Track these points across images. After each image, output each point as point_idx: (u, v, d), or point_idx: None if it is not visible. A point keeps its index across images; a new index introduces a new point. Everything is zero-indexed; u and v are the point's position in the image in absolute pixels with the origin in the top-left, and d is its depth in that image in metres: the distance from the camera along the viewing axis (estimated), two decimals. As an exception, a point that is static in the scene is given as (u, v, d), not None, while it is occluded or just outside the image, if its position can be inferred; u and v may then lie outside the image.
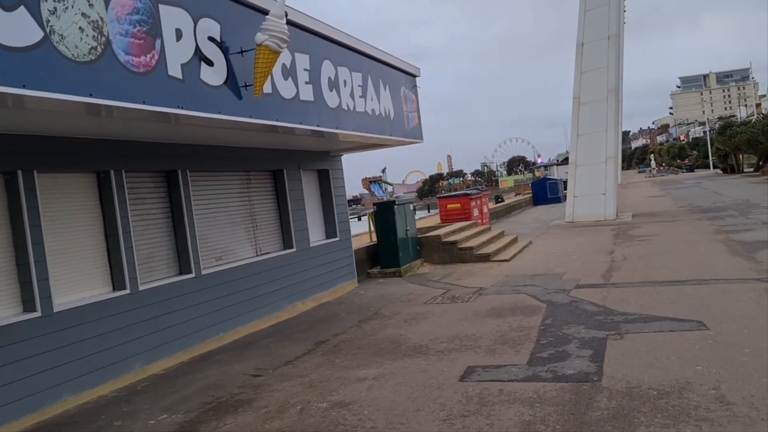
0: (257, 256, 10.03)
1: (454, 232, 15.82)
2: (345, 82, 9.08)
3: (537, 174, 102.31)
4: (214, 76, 6.17)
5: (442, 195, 21.33)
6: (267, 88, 7.06)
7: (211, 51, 6.17)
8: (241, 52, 6.54)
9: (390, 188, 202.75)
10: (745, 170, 59.79)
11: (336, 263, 12.12)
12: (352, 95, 9.30)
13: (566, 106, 22.96)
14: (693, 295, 8.55)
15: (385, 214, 13.73)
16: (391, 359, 6.96)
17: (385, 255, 13.74)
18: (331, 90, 8.63)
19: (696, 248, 12.98)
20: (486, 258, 14.40)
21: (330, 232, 12.34)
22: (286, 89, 7.50)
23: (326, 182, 12.33)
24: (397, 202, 13.76)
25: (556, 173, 59.66)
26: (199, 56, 6.00)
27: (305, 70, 7.95)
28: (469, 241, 15.46)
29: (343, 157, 12.83)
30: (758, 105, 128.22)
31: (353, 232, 19.37)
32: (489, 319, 8.37)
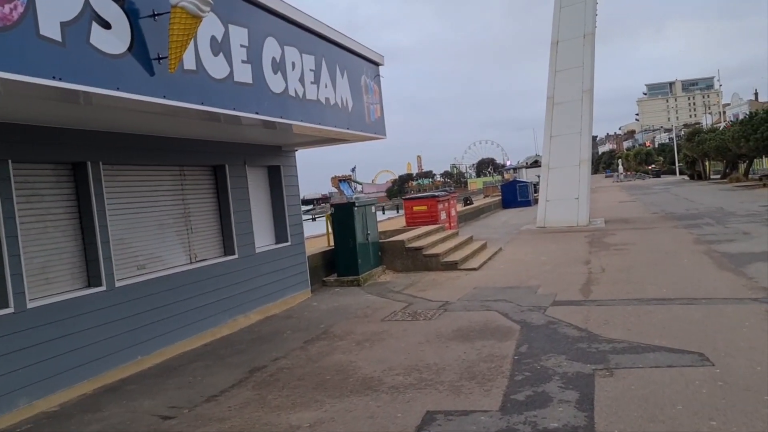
0: (191, 263, 8.70)
1: (419, 237, 14.65)
2: (293, 64, 7.82)
3: (506, 176, 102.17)
4: (112, 41, 4.85)
5: (408, 196, 20.19)
6: (190, 63, 5.78)
7: (110, 10, 4.86)
8: (154, 15, 5.24)
9: (359, 187, 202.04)
10: (711, 177, 60.04)
11: (286, 271, 10.84)
12: (302, 80, 8.04)
13: (535, 109, 22.09)
14: (685, 317, 7.49)
15: (343, 216, 12.48)
16: (334, 397, 5.72)
17: (343, 261, 12.50)
18: (275, 72, 7.36)
19: (678, 260, 12.02)
20: (453, 266, 13.26)
21: (280, 235, 11.06)
22: (216, 67, 6.21)
23: (277, 180, 11.04)
24: (357, 204, 12.53)
25: (525, 176, 59.14)
26: (91, 14, 4.68)
27: (242, 46, 6.67)
28: (436, 246, 14.31)
29: (312, 155, 11.58)
30: (722, 113, 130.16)
31: (316, 232, 18.10)
32: (454, 344, 7.19)
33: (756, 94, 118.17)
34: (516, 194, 36.75)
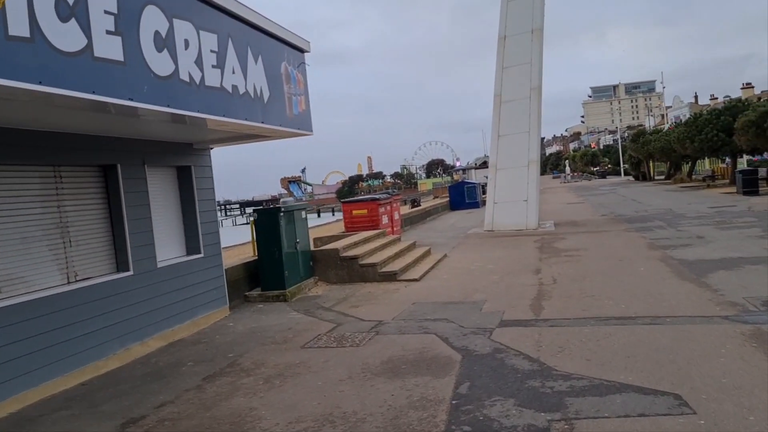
0: (69, 283, 7.19)
1: (356, 244, 13.37)
2: (187, 42, 6.42)
3: (455, 177, 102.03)
4: None
5: (347, 199, 18.88)
6: (20, 30, 4.34)
7: None
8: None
9: (309, 188, 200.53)
10: (656, 178, 60.77)
11: (198, 287, 9.40)
12: (199, 63, 6.65)
13: (484, 111, 21.01)
14: (651, 342, 6.42)
15: (267, 223, 11.08)
16: (219, 466, 4.38)
17: (268, 274, 11.11)
18: (160, 50, 5.95)
19: (634, 268, 11.07)
20: (392, 277, 12.02)
21: (191, 246, 9.61)
22: (65, 38, 4.78)
23: (187, 183, 9.59)
24: (283, 209, 11.15)
25: (474, 177, 58.68)
26: None
27: (108, 13, 5.25)
28: (374, 255, 13.04)
29: (260, 156, 10.43)
30: (664, 115, 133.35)
31: (244, 239, 16.60)
32: (382, 381, 5.93)
33: (696, 96, 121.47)
34: (464, 196, 35.90)
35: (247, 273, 11.39)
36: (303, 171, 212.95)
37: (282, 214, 11.03)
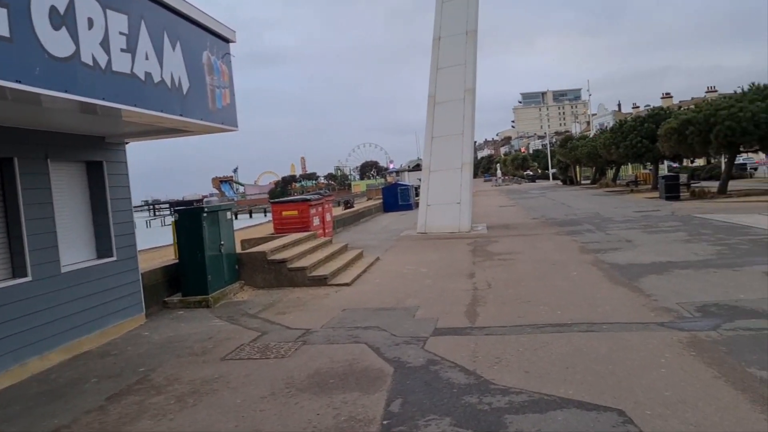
0: (-49, 292, 6.35)
1: (285, 247, 12.78)
2: (91, 21, 5.73)
3: (389, 179, 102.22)
4: None
5: (277, 200, 18.22)
6: None
7: None
8: None
9: (241, 189, 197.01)
10: (582, 182, 62.53)
11: (110, 293, 8.62)
12: (105, 45, 5.96)
13: (417, 114, 20.78)
14: (590, 351, 6.18)
15: (189, 224, 10.37)
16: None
17: (190, 278, 10.39)
18: (57, 28, 5.26)
19: (567, 272, 10.97)
20: (322, 281, 11.51)
21: (103, 249, 8.82)
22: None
23: (99, 180, 8.80)
24: (206, 209, 10.46)
25: (408, 179, 58.82)
26: None
27: (-10, -19, 4.55)
28: (304, 258, 12.50)
29: (194, 153, 9.59)
30: (588, 123, 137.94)
31: (166, 242, 15.79)
32: (307, 398, 5.43)
33: (619, 105, 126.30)
34: (397, 197, 35.72)
35: (167, 277, 10.64)
36: (235, 171, 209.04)
37: (205, 214, 10.33)
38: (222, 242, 10.95)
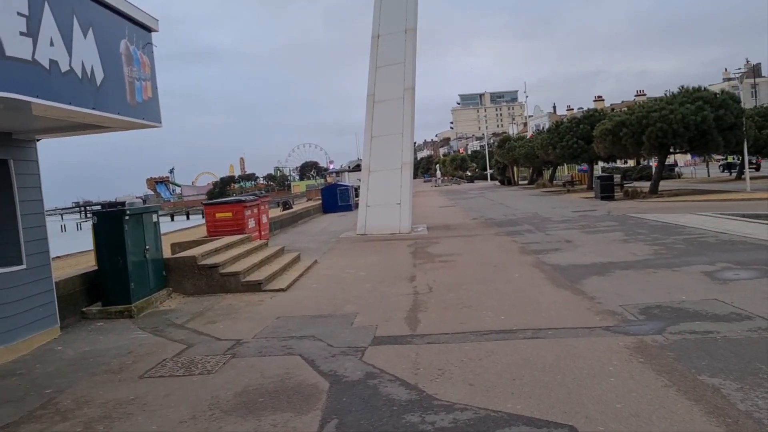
0: None
1: (217, 251, 12.11)
2: (-19, -1, 5.04)
3: (329, 180, 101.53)
4: None
5: (209, 201, 17.44)
6: None
7: None
8: None
9: (178, 189, 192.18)
10: (519, 182, 63.50)
11: (17, 305, 7.82)
12: None
13: (357, 115, 20.38)
14: (536, 360, 5.88)
15: (110, 227, 9.61)
16: None
17: (111, 286, 9.63)
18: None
19: (509, 274, 10.76)
20: (256, 287, 10.93)
21: (9, 256, 7.99)
22: None
23: (5, 180, 7.98)
24: (129, 211, 9.72)
25: (347, 179, 58.40)
26: None
27: None
28: (237, 262, 11.87)
29: (128, 153, 8.79)
30: (525, 124, 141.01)
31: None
32: (232, 422, 4.90)
33: (554, 107, 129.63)
34: (337, 198, 35.23)
35: (86, 285, 9.83)
36: (171, 171, 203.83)
37: (127, 217, 9.59)
38: (147, 247, 10.22)
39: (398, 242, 17.18)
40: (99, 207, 10.88)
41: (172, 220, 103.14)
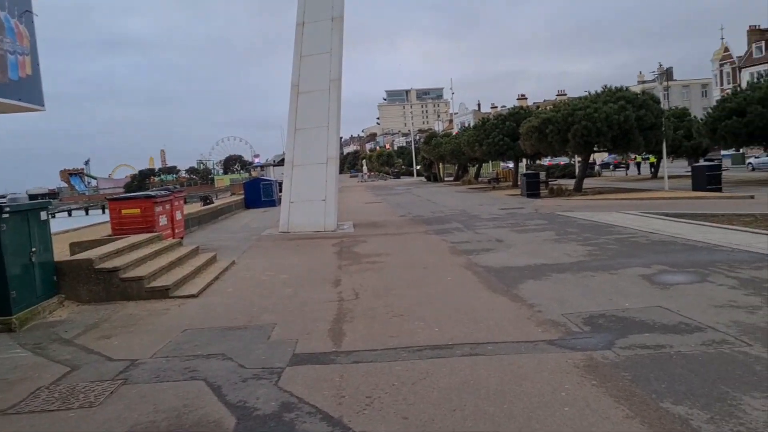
0: None
1: (119, 252, 10.85)
2: None
3: (253, 174, 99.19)
4: None
5: (115, 196, 15.97)
6: None
7: None
8: None
9: (94, 182, 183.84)
10: (445, 179, 63.67)
11: None
12: None
13: (283, 108, 19.28)
14: (478, 384, 5.16)
15: (-15, 227, 8.25)
16: None
17: (-13, 295, 8.29)
18: None
19: (441, 278, 10.07)
20: (163, 293, 9.79)
21: None
22: None
23: None
24: (9, 208, 8.38)
25: (272, 174, 56.81)
26: None
27: None
28: (143, 265, 10.66)
29: (42, 143, 7.43)
30: (451, 121, 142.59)
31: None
32: (110, 477, 3.92)
33: (479, 104, 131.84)
34: (260, 193, 33.93)
35: (-44, 294, 8.43)
36: (87, 163, 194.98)
37: (6, 215, 8.27)
38: (33, 249, 8.90)
39: (323, 241, 16.27)
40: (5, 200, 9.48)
41: (87, 213, 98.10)
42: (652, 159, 49.90)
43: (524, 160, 43.35)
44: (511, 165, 45.19)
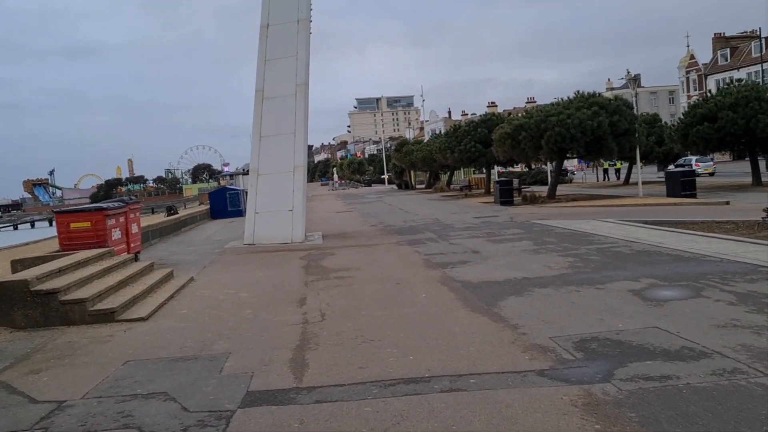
0: None
1: (62, 271, 9.87)
2: None
3: (222, 182, 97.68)
4: None
5: (62, 209, 14.89)
6: None
7: None
8: None
9: (59, 193, 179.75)
10: (417, 186, 63.13)
11: None
12: None
13: (252, 116, 18.45)
14: (461, 429, 4.38)
15: None
16: None
17: None
18: None
19: (415, 294, 9.31)
20: (109, 316, 8.84)
21: None
22: None
23: None
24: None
25: (242, 183, 55.64)
26: None
27: None
28: (88, 285, 9.69)
29: (4, 153, 6.08)
30: (421, 128, 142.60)
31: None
32: None
33: (449, 112, 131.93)
34: (226, 203, 32.96)
35: None
36: (51, 173, 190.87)
37: None
38: (-43, 270, 7.92)
39: (290, 253, 15.40)
40: None
41: (51, 225, 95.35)
42: (619, 165, 50.29)
43: (495, 167, 42.94)
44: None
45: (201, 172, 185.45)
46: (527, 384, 5.22)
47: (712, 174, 41.69)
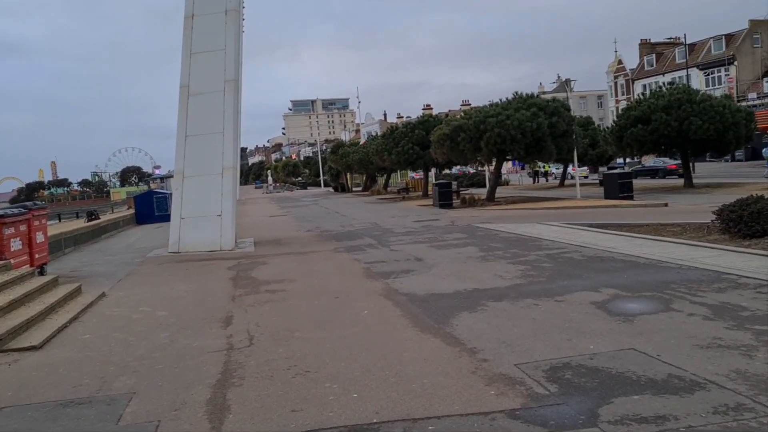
0: None
1: (-61, 291, 8.35)
2: None
3: (152, 186, 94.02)
4: None
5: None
6: None
7: None
8: None
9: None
10: (353, 189, 62.15)
11: None
12: None
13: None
14: (423, 501, 3.39)
15: None
16: None
17: None
18: None
19: (357, 311, 8.29)
20: (-8, 345, 7.43)
21: None
22: None
23: None
24: None
25: (172, 186, 53.35)
26: None
27: None
28: (-30, 307, 8.21)
29: None
30: (357, 131, 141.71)
31: None
32: None
33: (385, 114, 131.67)
34: (153, 207, 31.08)
35: None
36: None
37: None
38: None
39: (218, 262, 14.11)
40: None
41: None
42: (547, 168, 51.33)
43: (432, 170, 42.41)
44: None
45: (130, 175, 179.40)
46: (497, 430, 4.28)
47: (586, 177, 46.87)
